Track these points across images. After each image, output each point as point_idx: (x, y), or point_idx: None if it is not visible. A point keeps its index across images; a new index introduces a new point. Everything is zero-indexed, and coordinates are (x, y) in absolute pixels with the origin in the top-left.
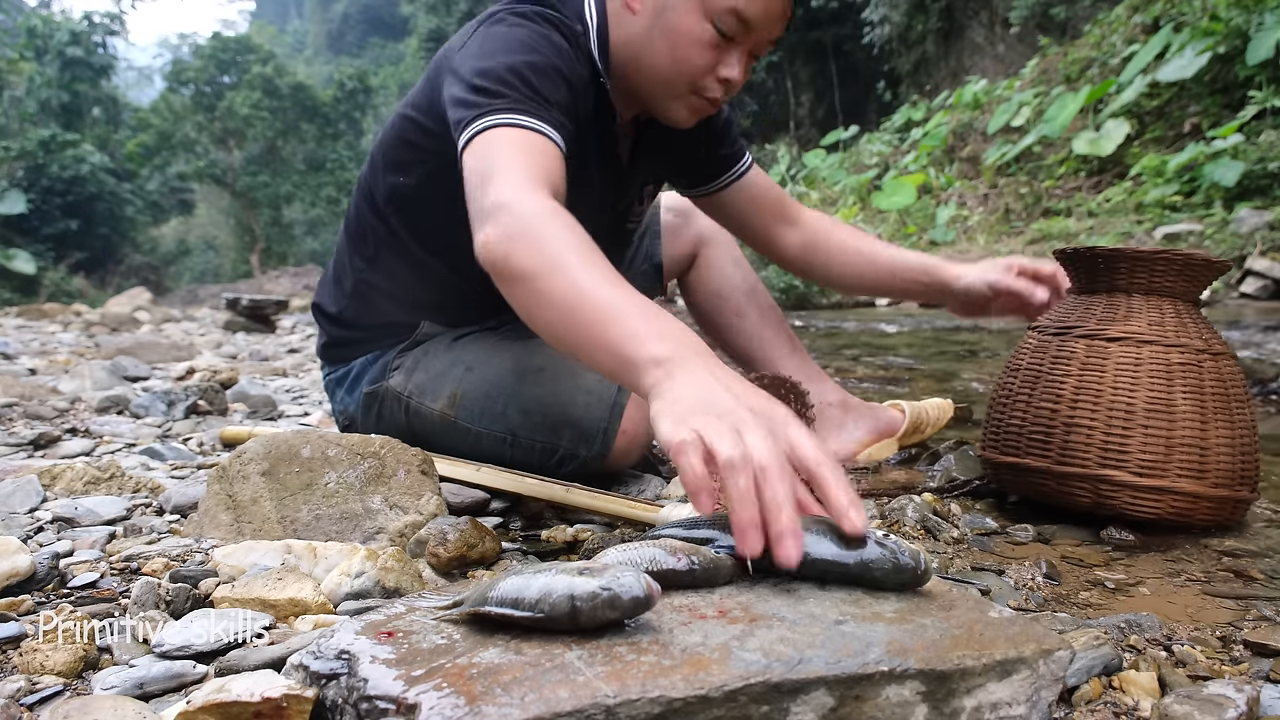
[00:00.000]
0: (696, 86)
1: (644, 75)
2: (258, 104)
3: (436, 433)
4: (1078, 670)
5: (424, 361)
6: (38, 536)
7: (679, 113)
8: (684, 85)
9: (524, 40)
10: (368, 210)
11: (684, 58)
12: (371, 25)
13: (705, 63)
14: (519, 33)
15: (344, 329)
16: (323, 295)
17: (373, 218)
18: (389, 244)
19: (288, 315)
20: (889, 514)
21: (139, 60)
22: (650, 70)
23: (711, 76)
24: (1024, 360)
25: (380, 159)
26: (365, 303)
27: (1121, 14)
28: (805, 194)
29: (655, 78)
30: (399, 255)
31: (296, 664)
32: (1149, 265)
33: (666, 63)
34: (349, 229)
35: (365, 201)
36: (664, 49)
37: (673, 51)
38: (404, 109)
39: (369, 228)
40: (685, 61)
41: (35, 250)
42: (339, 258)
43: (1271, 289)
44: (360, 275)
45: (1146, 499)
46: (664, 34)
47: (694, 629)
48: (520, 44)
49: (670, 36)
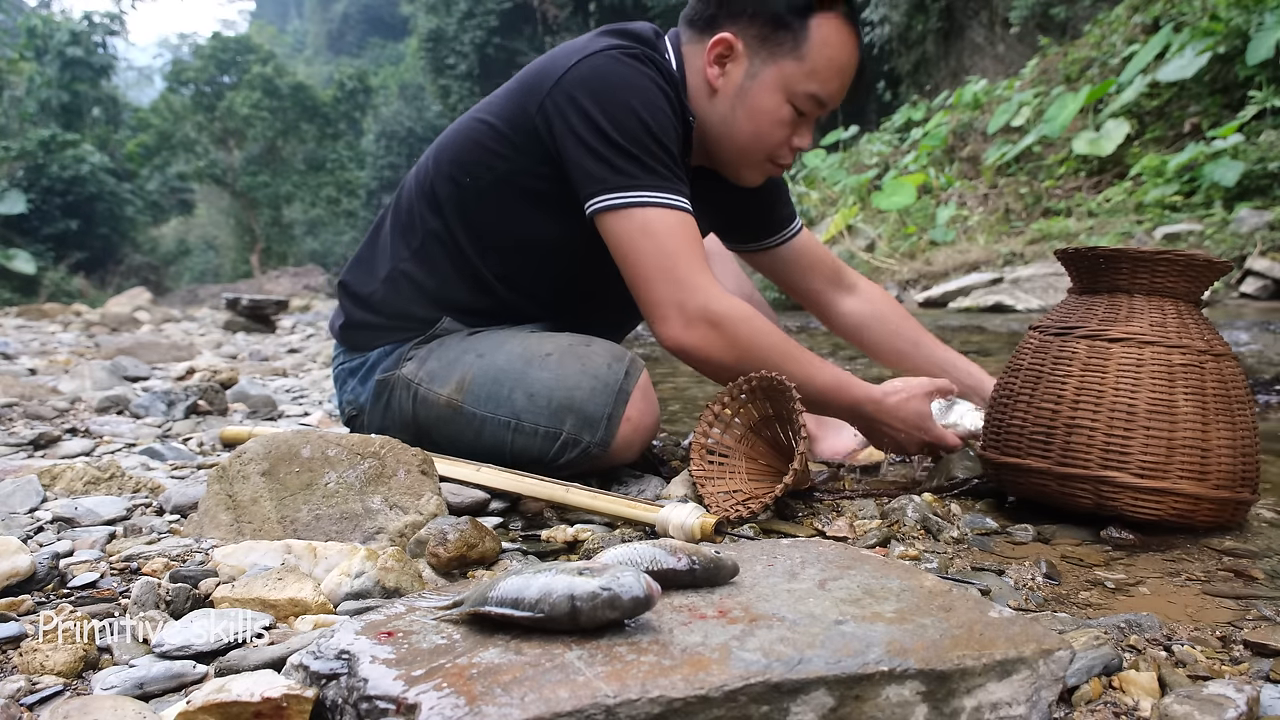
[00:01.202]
0: (773, 156)
1: (723, 144)
2: (258, 104)
3: (441, 421)
4: (1078, 670)
5: (437, 351)
6: (38, 536)
7: (752, 177)
8: (761, 156)
9: (644, 88)
10: (424, 206)
11: (765, 134)
12: (371, 25)
13: (783, 137)
14: (636, 78)
15: (369, 312)
16: (354, 275)
17: (429, 213)
18: (439, 239)
19: (288, 315)
20: (889, 514)
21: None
22: (730, 141)
23: (786, 147)
24: (1025, 360)
25: (445, 158)
26: (397, 290)
27: (1121, 14)
28: (805, 194)
29: (734, 147)
30: (447, 252)
31: (296, 664)
32: (1150, 266)
33: (747, 137)
34: (398, 220)
35: (422, 198)
36: (746, 125)
37: (755, 128)
38: (481, 114)
39: (420, 222)
40: (766, 137)
41: (35, 250)
42: (378, 242)
43: (1271, 289)
44: (400, 264)
45: (1148, 500)
46: (747, 113)
47: (694, 629)
48: (641, 92)
49: (752, 115)
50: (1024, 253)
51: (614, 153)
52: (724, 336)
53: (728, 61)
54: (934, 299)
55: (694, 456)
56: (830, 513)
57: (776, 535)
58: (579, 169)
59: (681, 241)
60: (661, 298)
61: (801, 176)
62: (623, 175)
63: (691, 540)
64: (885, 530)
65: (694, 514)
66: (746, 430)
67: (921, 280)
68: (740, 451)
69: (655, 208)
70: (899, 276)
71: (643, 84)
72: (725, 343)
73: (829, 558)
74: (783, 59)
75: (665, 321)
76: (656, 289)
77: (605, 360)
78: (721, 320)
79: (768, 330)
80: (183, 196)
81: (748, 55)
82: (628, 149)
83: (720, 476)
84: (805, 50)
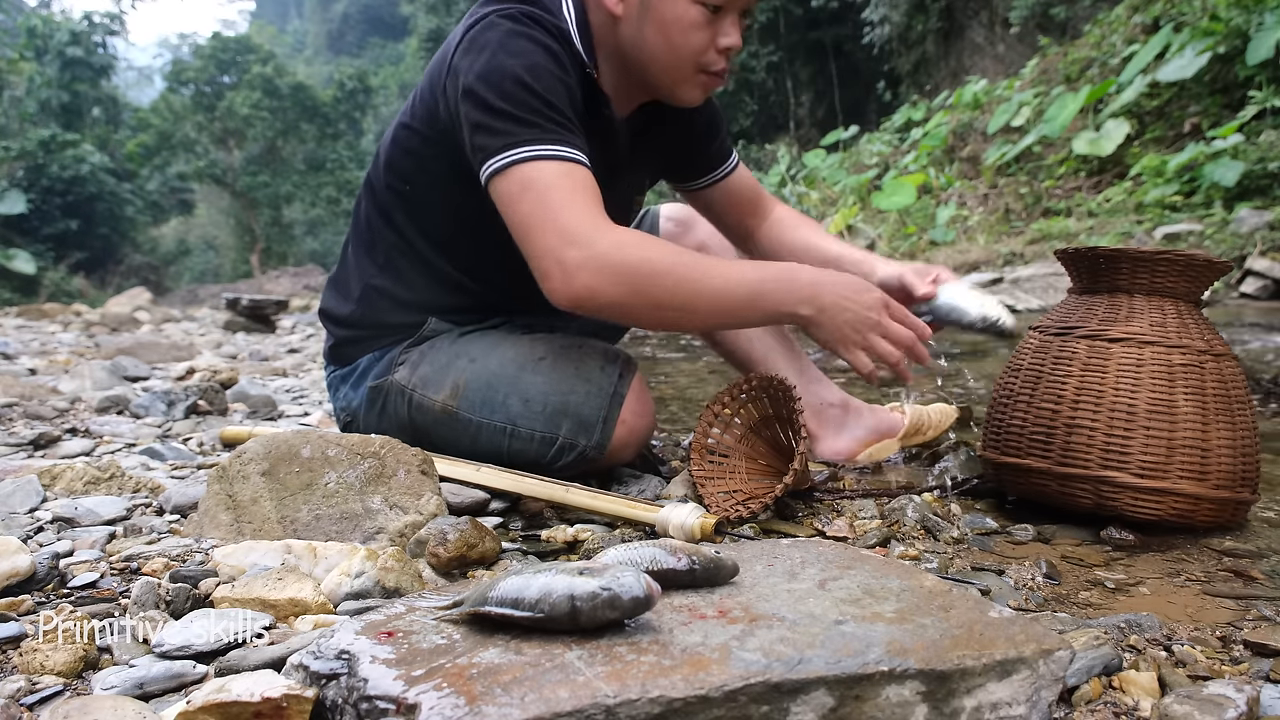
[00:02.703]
0: (701, 65)
1: (648, 69)
2: (258, 104)
3: (437, 426)
4: (1078, 670)
5: (429, 355)
6: (38, 536)
7: (691, 93)
8: (689, 68)
9: (521, 49)
10: (376, 215)
11: (682, 43)
12: (371, 25)
13: (703, 41)
14: (512, 40)
15: (351, 329)
16: (330, 299)
17: (381, 223)
18: (398, 247)
19: (288, 315)
20: (889, 514)
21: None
22: (652, 62)
23: (712, 51)
24: (1025, 360)
25: (383, 170)
26: (374, 307)
27: (1121, 14)
28: (805, 194)
29: (657, 67)
30: (407, 257)
31: (296, 664)
32: (1151, 266)
33: (664, 52)
34: (358, 235)
35: (373, 207)
36: (658, 40)
37: (667, 41)
38: (405, 118)
39: (378, 233)
40: (684, 46)
41: (35, 250)
42: (346, 262)
43: (1271, 289)
44: (369, 280)
45: (1147, 500)
46: (655, 28)
47: (694, 629)
48: (519, 52)
49: (662, 28)
50: (1024, 253)
51: (494, 118)
52: (611, 273)
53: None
54: None
55: (694, 456)
56: (830, 513)
57: (776, 535)
58: (470, 148)
59: (562, 191)
60: (543, 250)
61: (801, 176)
62: (502, 137)
63: (691, 540)
64: (885, 530)
65: (694, 514)
66: (746, 430)
67: None
68: (740, 451)
69: (534, 160)
70: None
71: (519, 45)
72: (613, 279)
73: (829, 558)
74: None
75: (548, 276)
76: (538, 242)
77: (598, 363)
78: (605, 257)
79: (659, 250)
80: (183, 196)
81: None
82: (506, 110)
83: (720, 476)
84: None
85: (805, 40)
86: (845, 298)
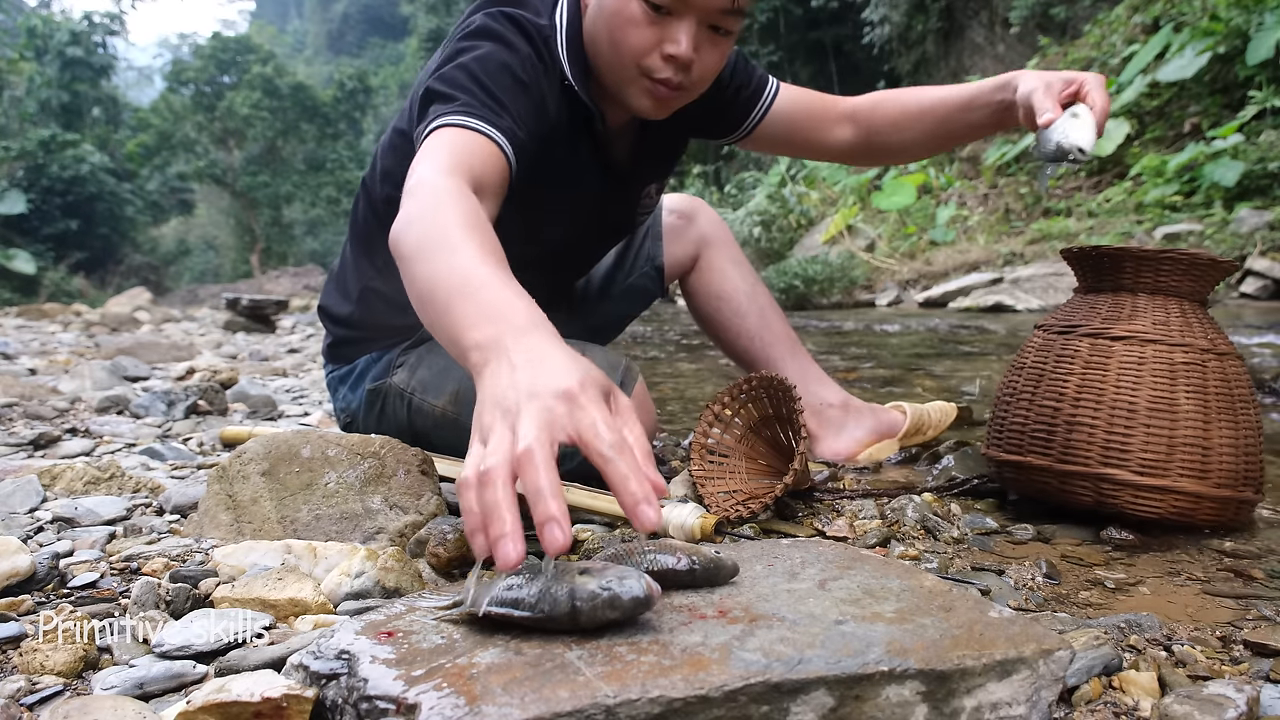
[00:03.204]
0: (643, 68)
1: (599, 68)
2: (258, 104)
3: (437, 429)
4: (1078, 670)
5: (427, 359)
6: (38, 536)
7: (641, 101)
8: (631, 69)
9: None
10: (374, 222)
11: (620, 39)
12: (371, 25)
13: (643, 42)
14: (478, 41)
15: (350, 329)
16: (329, 298)
17: (377, 225)
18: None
19: (288, 315)
20: (889, 514)
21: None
22: (600, 60)
23: (655, 55)
24: (1028, 359)
25: (379, 174)
26: (372, 308)
27: (1121, 14)
28: (805, 194)
29: (605, 66)
30: None
31: (296, 664)
32: (1154, 265)
33: (608, 48)
34: (357, 236)
35: (370, 209)
36: (605, 35)
37: (611, 35)
38: (397, 123)
39: (377, 237)
40: (623, 43)
41: (35, 250)
42: (345, 262)
43: (1271, 289)
44: (368, 281)
45: (1148, 498)
46: (604, 21)
47: (694, 629)
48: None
49: (608, 21)
50: (1024, 253)
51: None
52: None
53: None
54: (934, 299)
55: (694, 456)
56: (830, 513)
57: (776, 535)
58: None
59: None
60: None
61: (801, 176)
62: (426, 116)
63: (691, 540)
64: (885, 530)
65: (694, 514)
66: (746, 430)
67: (921, 280)
68: (740, 451)
69: (439, 129)
70: (899, 276)
71: (480, 42)
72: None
73: (829, 558)
74: None
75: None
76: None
77: (601, 369)
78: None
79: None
80: (183, 196)
81: None
82: (440, 91)
83: (720, 476)
84: None
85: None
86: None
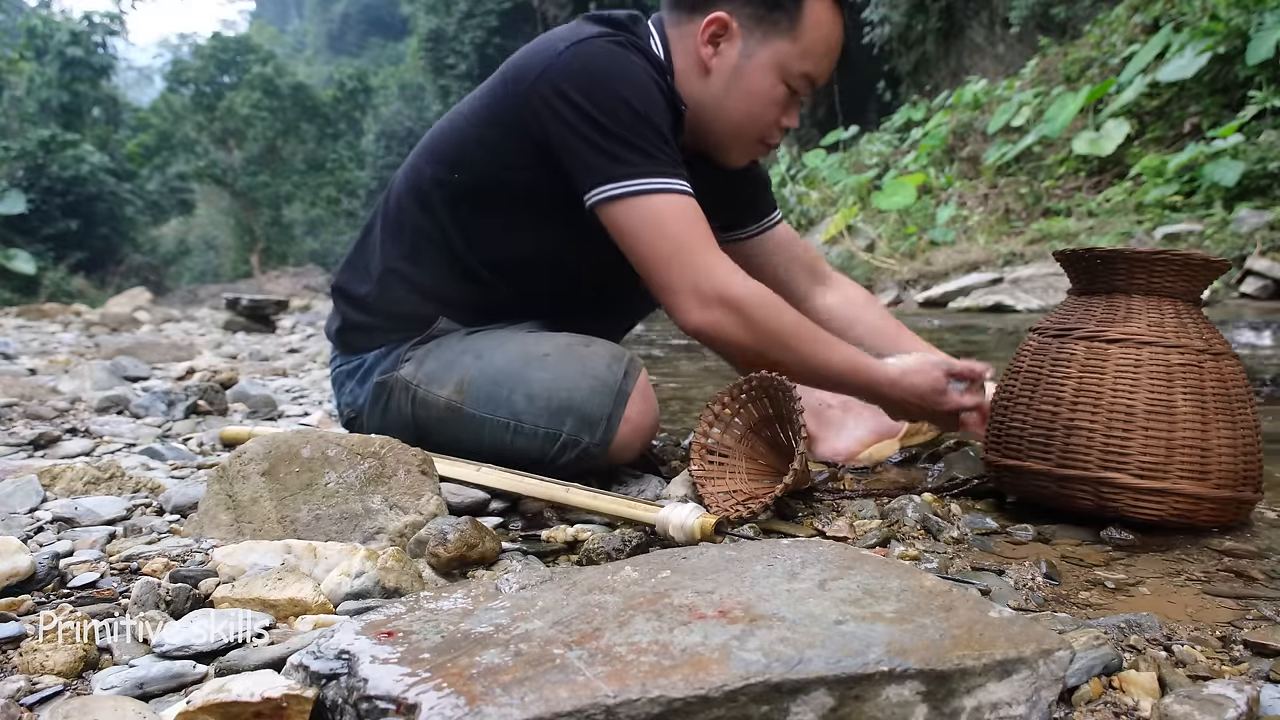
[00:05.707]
0: (763, 136)
1: (716, 125)
2: (258, 104)
3: (441, 422)
4: (1078, 670)
5: (435, 352)
6: (38, 536)
7: (740, 158)
8: (754, 136)
9: (633, 76)
10: (414, 205)
11: (759, 114)
12: (371, 25)
13: (775, 116)
14: (625, 66)
15: (364, 313)
16: (346, 277)
17: (419, 212)
18: (430, 238)
19: (288, 315)
20: (889, 514)
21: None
22: (724, 122)
23: (776, 126)
24: (1025, 363)
25: (432, 157)
26: (391, 290)
27: (1121, 14)
28: (805, 194)
29: (727, 128)
30: (439, 249)
31: (296, 664)
32: (1148, 266)
33: (741, 116)
34: (387, 221)
35: (412, 197)
36: (740, 105)
37: (749, 108)
38: (466, 110)
39: (410, 221)
40: (760, 117)
41: (35, 250)
42: (368, 243)
43: (1271, 289)
44: (392, 263)
45: (1148, 501)
46: (741, 93)
47: (694, 629)
48: (631, 79)
49: (747, 95)
50: (1024, 253)
51: (611, 142)
52: (741, 318)
53: (721, 41)
54: (934, 299)
55: (694, 456)
56: (830, 513)
57: (776, 535)
58: (576, 161)
59: (689, 225)
60: (677, 282)
61: (801, 176)
62: (622, 164)
63: (692, 540)
64: (885, 530)
65: (694, 514)
66: (746, 430)
67: (921, 280)
68: (740, 451)
69: (660, 194)
70: (899, 276)
71: (631, 71)
72: (742, 324)
73: (829, 558)
74: (777, 39)
75: (682, 305)
76: (671, 274)
77: (604, 361)
78: (738, 301)
79: (784, 311)
80: (183, 196)
81: (742, 34)
82: (624, 137)
83: (720, 476)
84: (800, 30)
85: None
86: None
